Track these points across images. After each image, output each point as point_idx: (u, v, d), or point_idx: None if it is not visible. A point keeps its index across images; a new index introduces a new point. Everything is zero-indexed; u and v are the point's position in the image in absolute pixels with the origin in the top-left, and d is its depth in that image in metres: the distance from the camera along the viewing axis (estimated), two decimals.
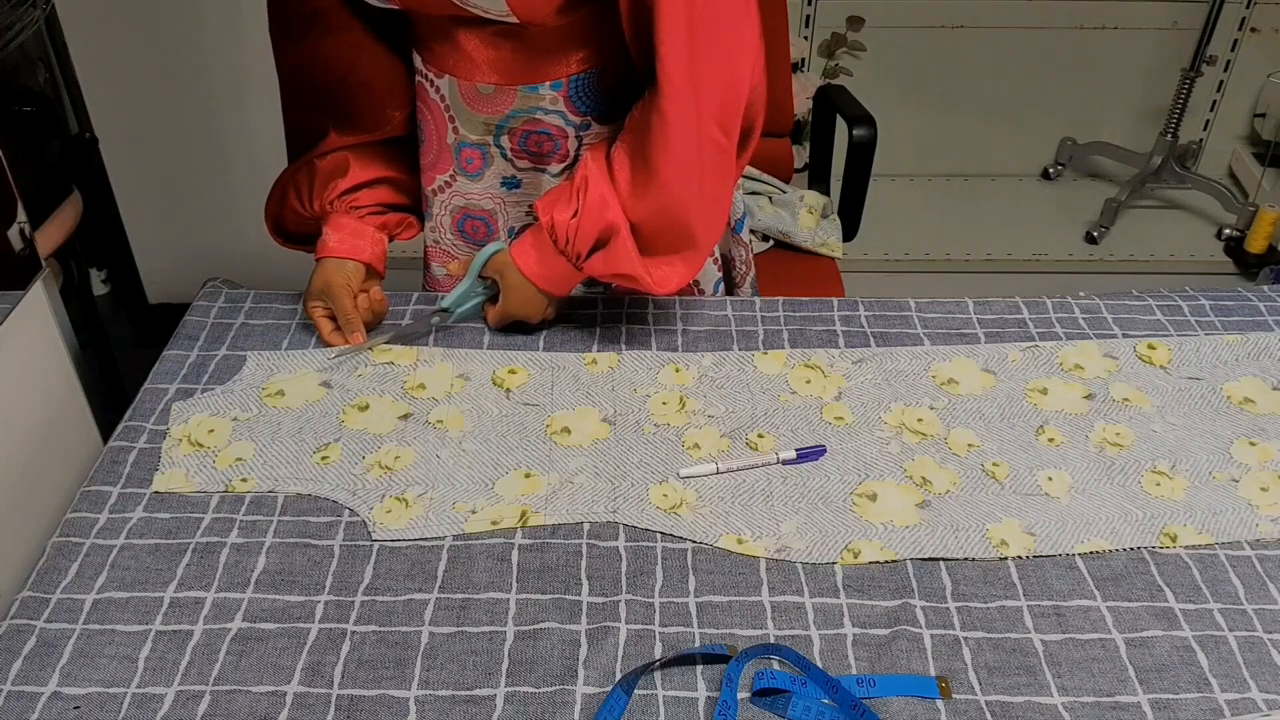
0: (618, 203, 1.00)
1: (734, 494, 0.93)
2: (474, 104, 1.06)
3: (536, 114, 1.06)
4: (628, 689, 0.75)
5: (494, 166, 1.11)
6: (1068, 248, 2.55)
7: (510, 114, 1.06)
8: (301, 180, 1.12)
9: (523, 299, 1.07)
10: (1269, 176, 2.57)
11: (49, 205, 1.51)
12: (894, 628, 0.81)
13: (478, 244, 1.16)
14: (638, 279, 1.02)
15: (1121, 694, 0.76)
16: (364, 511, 0.90)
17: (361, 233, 1.12)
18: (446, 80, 1.06)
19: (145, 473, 0.93)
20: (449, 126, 1.09)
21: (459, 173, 1.12)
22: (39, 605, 0.81)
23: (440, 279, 1.21)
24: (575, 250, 1.03)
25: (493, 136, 1.08)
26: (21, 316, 0.93)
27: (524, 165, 1.10)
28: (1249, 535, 0.89)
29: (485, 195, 1.13)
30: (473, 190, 1.12)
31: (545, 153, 1.09)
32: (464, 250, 1.17)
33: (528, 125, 1.07)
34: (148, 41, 1.92)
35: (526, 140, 1.08)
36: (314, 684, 0.76)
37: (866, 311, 1.15)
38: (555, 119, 1.06)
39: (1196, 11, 2.47)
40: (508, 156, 1.09)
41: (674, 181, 0.98)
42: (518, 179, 1.12)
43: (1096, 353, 1.09)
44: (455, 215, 1.15)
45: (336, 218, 1.11)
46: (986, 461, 0.96)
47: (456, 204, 1.14)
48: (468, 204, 1.14)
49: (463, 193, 1.13)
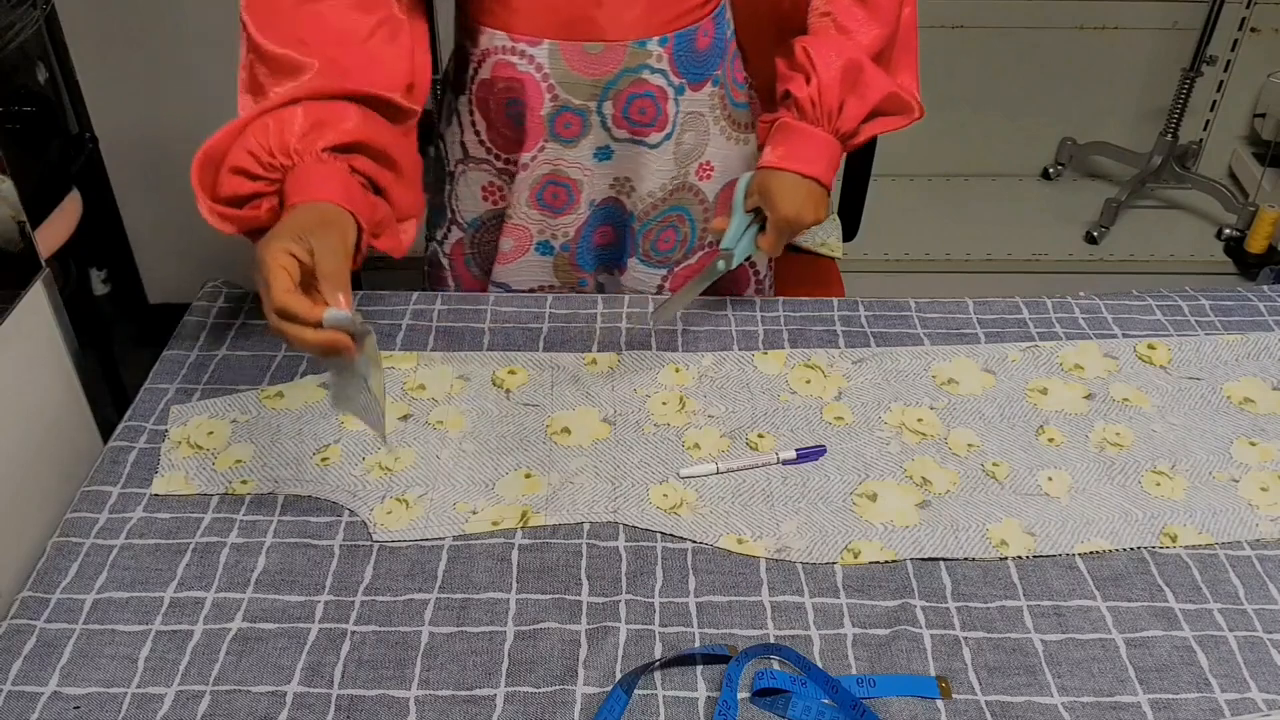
0: (847, 42, 1.05)
1: (734, 494, 0.93)
2: (580, 66, 1.06)
3: (643, 73, 1.07)
4: (628, 689, 0.75)
5: (591, 135, 1.11)
6: (1068, 248, 2.55)
7: (619, 73, 1.07)
8: (268, 125, 0.88)
9: (793, 200, 1.04)
10: (1269, 176, 2.57)
11: (49, 205, 1.51)
12: (894, 628, 0.81)
13: (556, 212, 1.16)
14: (898, 95, 1.07)
15: (1121, 694, 0.76)
16: (364, 512, 0.90)
17: (356, 191, 0.89)
18: (546, 46, 1.05)
19: (145, 473, 0.93)
20: (544, 97, 1.08)
21: (551, 139, 1.11)
22: (39, 605, 0.81)
23: (506, 252, 1.19)
24: (826, 107, 1.04)
25: (596, 101, 1.08)
26: (21, 316, 0.93)
27: (621, 135, 1.11)
28: (1249, 535, 0.89)
29: (575, 164, 1.13)
30: (564, 157, 1.12)
31: (648, 121, 1.10)
32: (537, 220, 1.17)
33: (634, 87, 1.07)
34: (148, 42, 1.91)
35: (630, 105, 1.08)
36: (314, 684, 0.76)
37: (866, 311, 1.15)
38: (659, 79, 1.08)
39: (1196, 11, 2.47)
40: (607, 125, 1.10)
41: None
42: (611, 150, 1.12)
43: (1096, 353, 1.09)
44: (536, 185, 1.14)
45: (320, 165, 0.88)
46: (986, 461, 0.96)
47: (541, 173, 1.13)
48: (554, 170, 1.13)
49: (553, 159, 1.12)
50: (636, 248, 1.20)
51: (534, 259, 1.20)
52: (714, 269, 1.07)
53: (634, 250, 1.20)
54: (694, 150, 1.15)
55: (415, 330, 1.11)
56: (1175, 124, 2.53)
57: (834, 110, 1.05)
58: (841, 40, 1.06)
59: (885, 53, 1.09)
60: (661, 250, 1.21)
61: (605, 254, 1.23)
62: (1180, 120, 2.53)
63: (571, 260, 1.20)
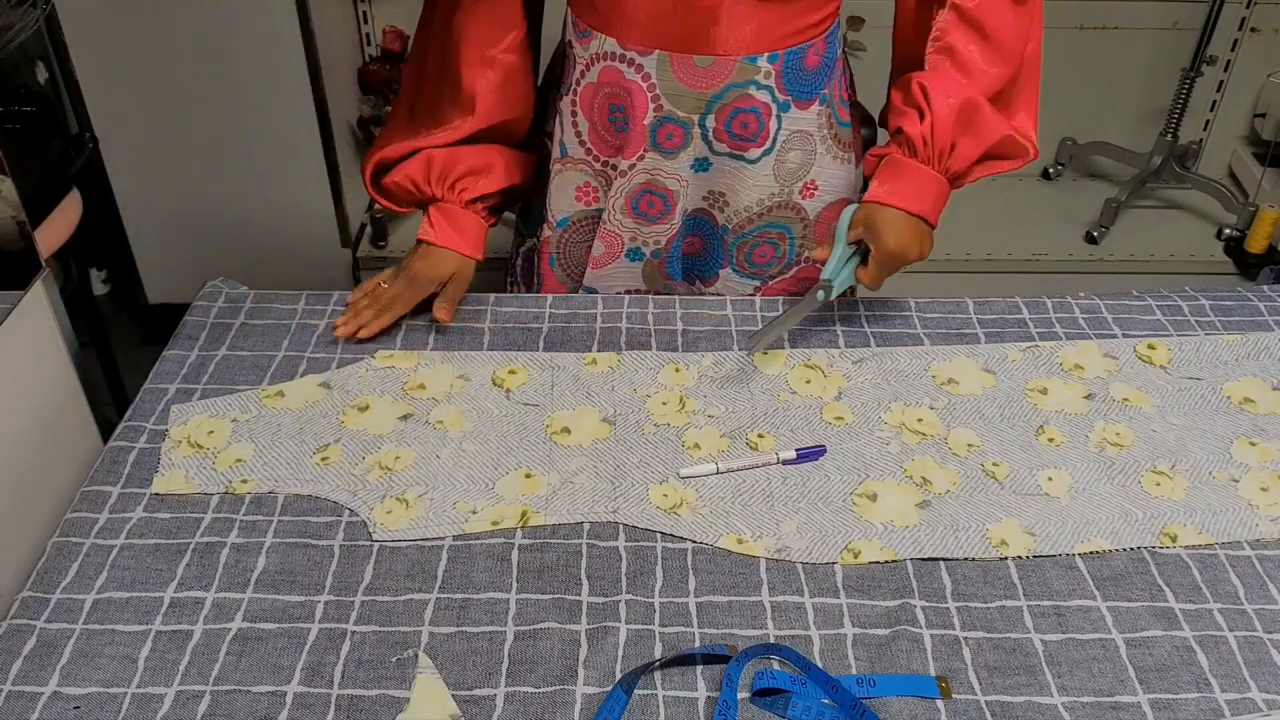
0: (964, 81, 1.04)
1: (734, 494, 0.93)
2: (688, 79, 1.06)
3: (749, 89, 1.07)
4: (628, 689, 0.75)
5: (691, 147, 1.11)
6: (1068, 248, 2.55)
7: (725, 88, 1.07)
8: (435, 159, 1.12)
9: (899, 235, 1.03)
10: (1269, 176, 2.57)
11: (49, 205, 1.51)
12: (894, 628, 0.81)
13: (650, 220, 1.16)
14: (1013, 138, 1.07)
15: (1121, 694, 0.76)
16: (364, 512, 0.90)
17: (482, 232, 1.15)
18: (655, 57, 1.06)
19: (145, 473, 0.93)
20: (649, 106, 1.08)
21: (653, 149, 1.11)
22: (39, 605, 0.81)
23: (598, 257, 1.19)
24: (938, 146, 1.03)
25: (700, 115, 1.08)
26: (21, 316, 0.93)
27: (721, 149, 1.11)
28: (1249, 535, 0.89)
29: (673, 175, 1.13)
30: (663, 167, 1.12)
31: (749, 135, 1.10)
32: (630, 228, 1.17)
33: (739, 102, 1.08)
34: (148, 41, 1.91)
35: (733, 120, 1.08)
36: (314, 684, 0.76)
37: (866, 311, 1.15)
38: (764, 95, 1.08)
39: (1196, 11, 2.47)
40: (708, 138, 1.10)
41: (1015, 35, 1.07)
42: (709, 162, 1.13)
43: (1096, 353, 1.09)
44: (633, 193, 1.14)
45: (468, 214, 1.13)
46: (986, 461, 0.96)
47: (638, 181, 1.13)
48: (651, 179, 1.13)
49: (650, 169, 1.13)
50: (730, 259, 1.20)
51: (624, 265, 1.20)
52: (814, 299, 1.06)
53: (727, 261, 1.20)
54: (800, 169, 1.14)
55: (415, 330, 1.11)
56: (1175, 124, 2.53)
57: (945, 150, 1.04)
58: (959, 79, 1.04)
59: (1005, 92, 1.08)
60: (757, 263, 1.20)
61: (693, 264, 1.23)
62: (1180, 120, 2.53)
63: (661, 268, 1.20)
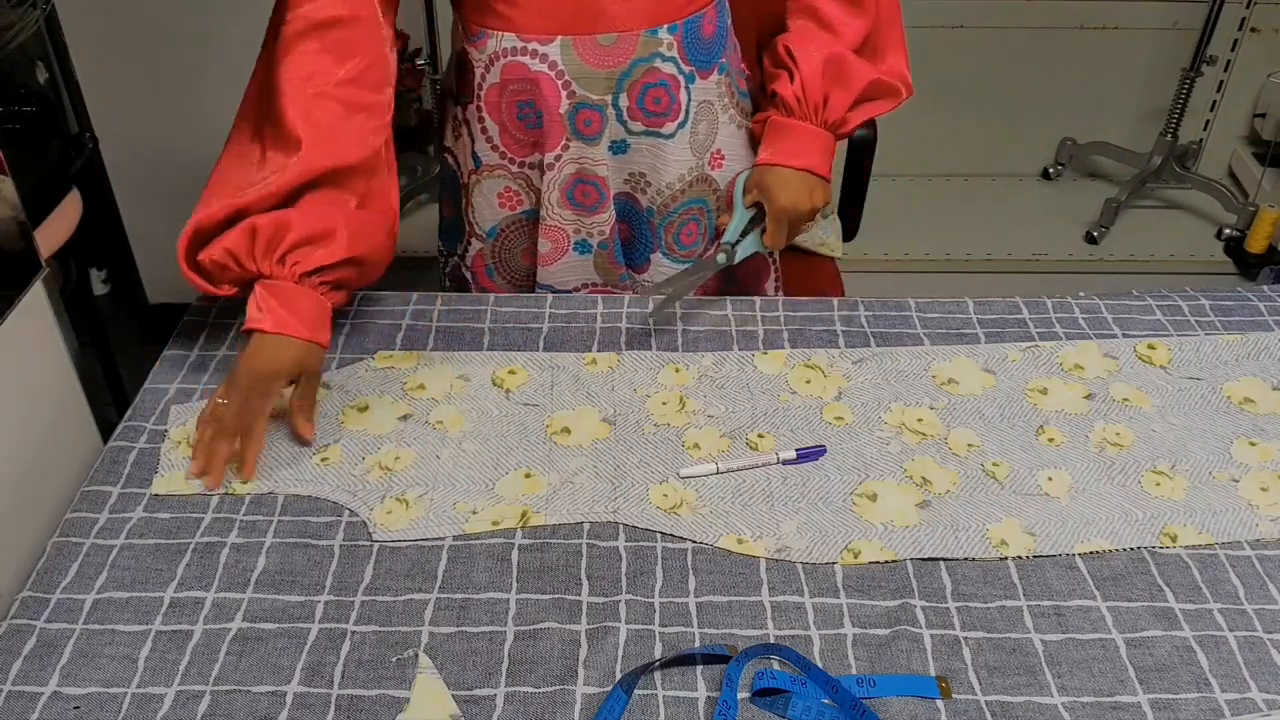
0: (829, 36, 1.08)
1: (734, 494, 0.93)
2: (594, 59, 1.07)
3: (655, 61, 1.08)
4: (628, 689, 0.75)
5: (608, 130, 1.12)
6: (1068, 248, 2.55)
7: (632, 63, 1.08)
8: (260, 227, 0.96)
9: (790, 192, 1.09)
10: (1269, 176, 2.57)
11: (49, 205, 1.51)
12: (894, 628, 0.81)
13: (589, 210, 1.16)
14: (881, 80, 1.10)
15: (1121, 694, 0.76)
16: (364, 512, 0.90)
17: (324, 312, 0.98)
18: (558, 43, 1.06)
19: (145, 473, 0.93)
20: (562, 94, 1.09)
21: (574, 138, 1.12)
22: (39, 605, 0.81)
23: (545, 254, 1.19)
24: (812, 102, 1.08)
25: (611, 95, 1.09)
26: (21, 316, 0.93)
27: (637, 128, 1.12)
28: (1249, 535, 0.89)
29: (600, 160, 1.13)
30: (588, 155, 1.13)
31: (662, 110, 1.11)
32: (571, 220, 1.17)
33: (648, 76, 1.09)
34: (148, 42, 1.91)
35: (645, 96, 1.10)
36: (314, 684, 0.76)
37: (866, 311, 1.15)
38: (670, 67, 1.09)
39: (1196, 11, 2.47)
40: (623, 119, 1.11)
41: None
42: (627, 143, 1.13)
43: (1096, 353, 1.09)
44: (565, 184, 1.15)
45: (304, 291, 0.97)
46: (986, 461, 0.96)
47: (568, 172, 1.14)
48: (580, 169, 1.14)
49: (577, 158, 1.13)
50: (660, 242, 1.20)
51: (574, 259, 1.20)
52: (713, 262, 1.08)
53: (656, 245, 1.20)
54: (707, 139, 1.16)
55: (415, 330, 1.11)
56: (1175, 124, 2.53)
57: (819, 104, 1.08)
58: (821, 35, 1.09)
59: (869, 41, 1.12)
60: (685, 244, 1.21)
61: (627, 251, 1.23)
62: (1180, 120, 2.53)
63: (611, 259, 1.20)
